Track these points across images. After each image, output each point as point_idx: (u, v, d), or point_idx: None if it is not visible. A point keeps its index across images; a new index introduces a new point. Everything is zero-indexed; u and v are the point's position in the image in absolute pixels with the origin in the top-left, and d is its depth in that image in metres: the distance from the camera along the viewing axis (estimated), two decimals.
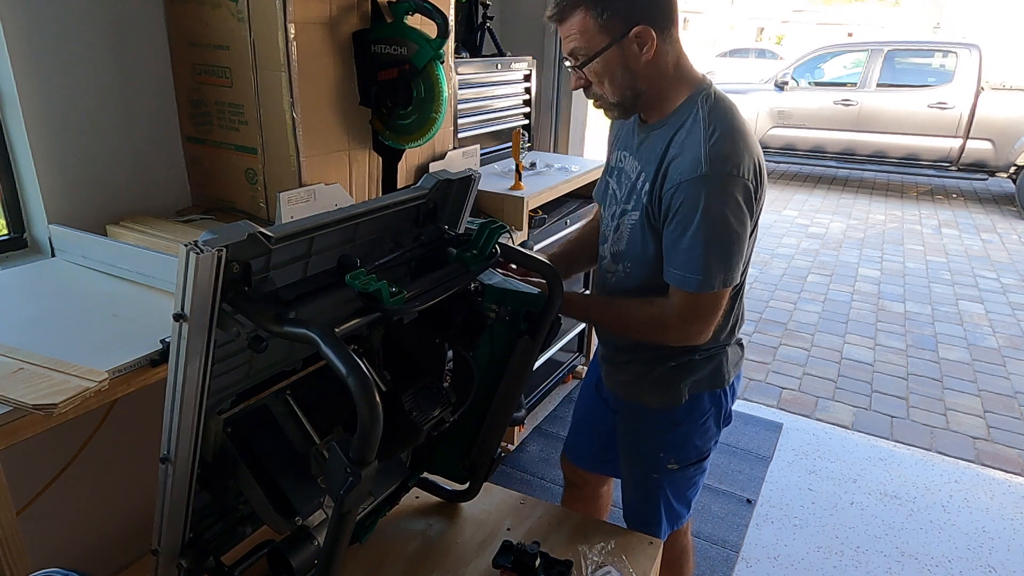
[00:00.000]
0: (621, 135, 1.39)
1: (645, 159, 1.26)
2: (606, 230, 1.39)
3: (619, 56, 1.18)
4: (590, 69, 1.20)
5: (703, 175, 1.14)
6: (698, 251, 1.16)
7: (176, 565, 0.97)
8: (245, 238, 0.76)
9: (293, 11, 1.51)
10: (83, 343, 1.13)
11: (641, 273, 1.30)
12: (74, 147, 1.56)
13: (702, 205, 1.14)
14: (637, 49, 1.17)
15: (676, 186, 1.16)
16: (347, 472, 0.76)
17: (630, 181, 1.29)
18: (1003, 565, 2.25)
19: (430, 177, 1.06)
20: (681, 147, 1.18)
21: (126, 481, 1.69)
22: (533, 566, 1.19)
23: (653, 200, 1.22)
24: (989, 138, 6.96)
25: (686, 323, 1.23)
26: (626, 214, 1.29)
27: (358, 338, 0.99)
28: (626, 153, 1.33)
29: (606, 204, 1.39)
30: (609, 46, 1.17)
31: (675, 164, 1.17)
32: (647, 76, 1.20)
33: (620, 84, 1.21)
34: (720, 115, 1.19)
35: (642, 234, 1.26)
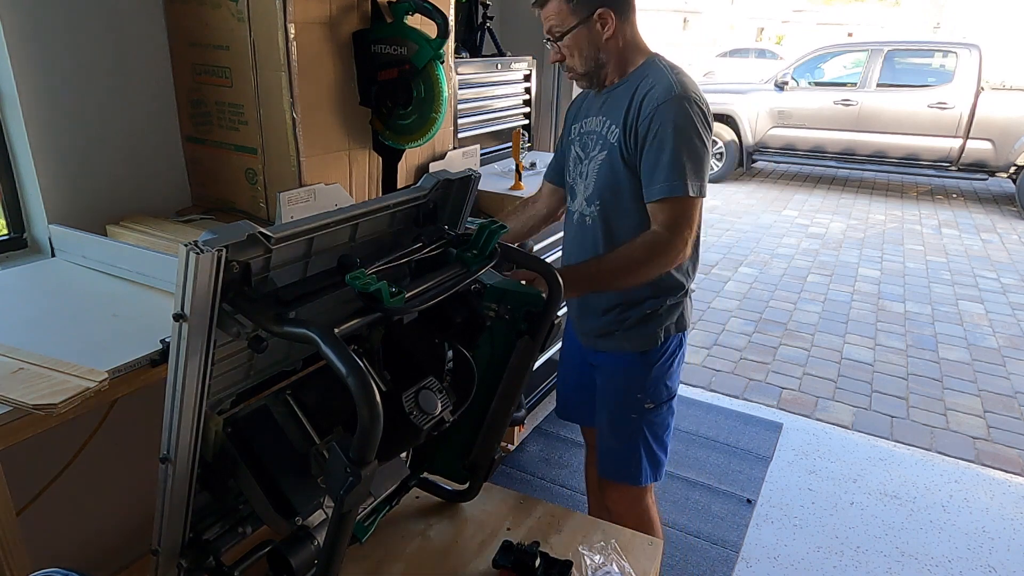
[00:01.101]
0: (582, 109, 1.62)
1: (611, 111, 1.49)
2: (575, 186, 1.60)
3: (586, 34, 1.45)
4: (564, 44, 1.47)
5: (676, 96, 1.39)
6: (679, 161, 1.38)
7: (176, 565, 0.97)
8: (245, 238, 0.76)
9: (293, 11, 1.51)
10: (83, 343, 1.13)
11: (612, 204, 1.51)
12: (74, 147, 1.56)
13: (677, 123, 1.38)
14: (599, 28, 1.44)
15: (653, 110, 1.39)
16: (347, 472, 0.76)
17: (597, 133, 1.52)
18: (1003, 565, 2.25)
19: (430, 177, 1.06)
20: (650, 85, 1.42)
21: (126, 481, 1.69)
22: (533, 566, 1.19)
23: (627, 136, 1.44)
24: (989, 138, 6.97)
25: (676, 232, 1.41)
26: (593, 159, 1.52)
27: (358, 338, 0.99)
28: (590, 117, 1.57)
29: (571, 168, 1.62)
30: (577, 25, 1.44)
31: (648, 97, 1.41)
32: (608, 50, 1.47)
33: (587, 57, 1.48)
34: (676, 65, 1.48)
35: (610, 169, 1.48)
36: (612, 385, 1.65)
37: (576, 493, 2.52)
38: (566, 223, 1.69)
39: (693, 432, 2.92)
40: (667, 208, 1.41)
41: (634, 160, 1.44)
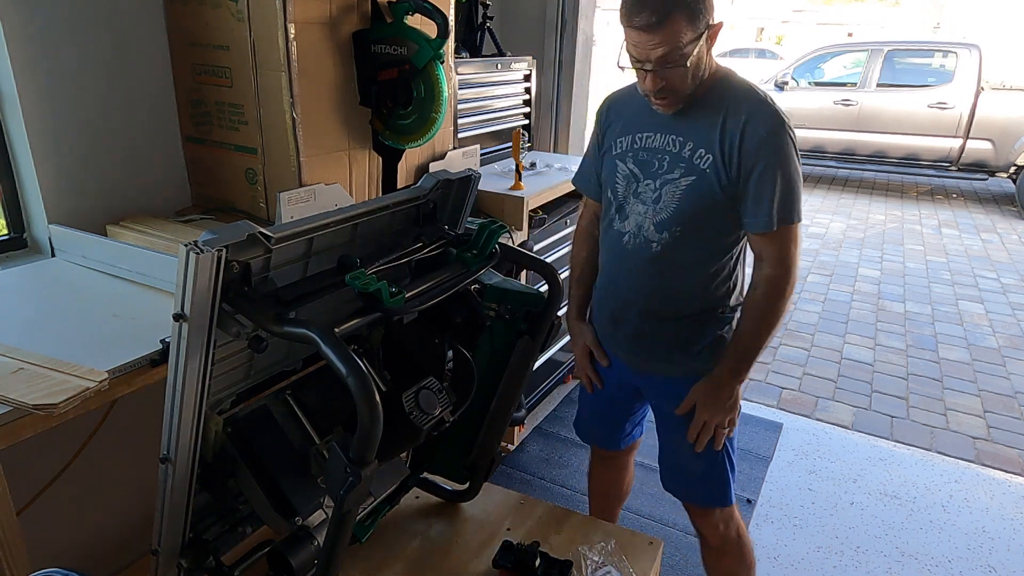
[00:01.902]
0: (623, 118, 1.49)
1: (689, 132, 1.38)
2: (626, 205, 1.47)
3: (699, 51, 1.29)
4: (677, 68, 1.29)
5: (783, 125, 1.32)
6: (789, 191, 1.34)
7: (176, 565, 0.97)
8: (245, 238, 0.76)
9: (293, 11, 1.51)
10: (83, 343, 1.13)
11: (692, 232, 1.41)
12: (74, 147, 1.56)
13: (786, 152, 1.33)
14: (709, 42, 1.31)
15: (761, 141, 1.31)
16: (347, 472, 0.76)
17: (670, 153, 1.40)
18: (1003, 565, 2.25)
19: (430, 177, 1.06)
20: (746, 111, 1.33)
21: (126, 481, 1.69)
22: (533, 566, 1.19)
23: (726, 165, 1.34)
24: (989, 138, 6.96)
25: (790, 262, 1.38)
26: (670, 183, 1.40)
27: (358, 338, 0.99)
28: (647, 132, 1.44)
29: (620, 185, 1.48)
30: (698, 48, 1.27)
31: (751, 126, 1.32)
32: (707, 64, 1.34)
33: (695, 76, 1.32)
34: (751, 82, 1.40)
35: (697, 194, 1.37)
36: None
37: (576, 493, 2.52)
38: (608, 243, 1.55)
39: None
40: (777, 239, 1.36)
41: (732, 189, 1.36)
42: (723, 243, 1.43)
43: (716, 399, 1.45)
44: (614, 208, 1.50)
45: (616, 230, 1.50)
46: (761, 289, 1.40)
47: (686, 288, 1.46)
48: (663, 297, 1.47)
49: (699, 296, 1.46)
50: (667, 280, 1.46)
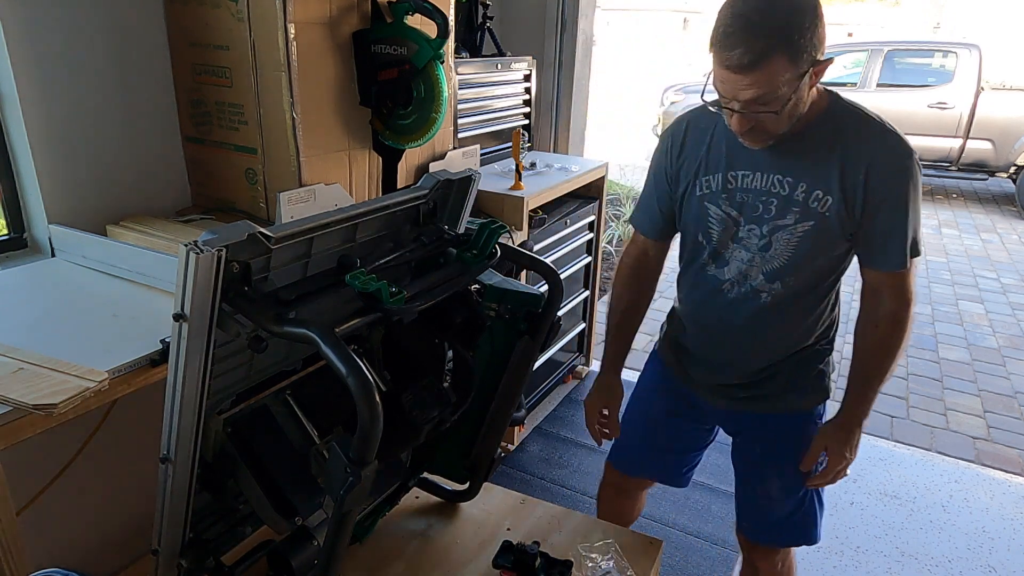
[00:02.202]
0: (706, 151, 1.32)
1: (799, 169, 1.23)
2: (725, 252, 1.34)
3: (799, 91, 1.13)
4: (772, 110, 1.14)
5: (910, 158, 1.20)
6: (915, 223, 1.24)
7: (176, 565, 0.97)
8: (245, 238, 0.76)
9: (293, 11, 1.51)
10: (83, 343, 1.13)
11: (806, 279, 1.31)
12: (74, 147, 1.56)
13: (914, 184, 1.21)
14: (811, 80, 1.14)
15: (890, 176, 1.20)
16: (347, 472, 0.76)
17: (778, 196, 1.26)
18: (1003, 565, 2.25)
19: (430, 177, 1.06)
20: (872, 146, 1.20)
21: (126, 481, 1.69)
22: (533, 566, 1.19)
23: (849, 206, 1.22)
24: (989, 138, 6.97)
25: (909, 296, 1.31)
26: (783, 229, 1.27)
27: (358, 338, 0.99)
28: (743, 171, 1.28)
29: (714, 230, 1.34)
30: (798, 88, 1.12)
31: (879, 161, 1.20)
32: (809, 101, 1.19)
33: (792, 116, 1.17)
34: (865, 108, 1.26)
35: (817, 241, 1.26)
36: (781, 449, 1.45)
37: (576, 493, 2.52)
38: (700, 289, 1.41)
39: None
40: (901, 275, 1.28)
41: (854, 229, 1.25)
42: (833, 281, 1.36)
43: (847, 445, 1.38)
44: (707, 253, 1.37)
45: (712, 275, 1.37)
46: (885, 327, 1.31)
47: (794, 333, 1.38)
48: (770, 345, 1.39)
49: (806, 337, 1.39)
50: (775, 329, 1.36)
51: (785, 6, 1.08)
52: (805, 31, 1.08)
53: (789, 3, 1.09)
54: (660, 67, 16.87)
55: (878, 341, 1.34)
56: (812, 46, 1.09)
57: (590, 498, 2.50)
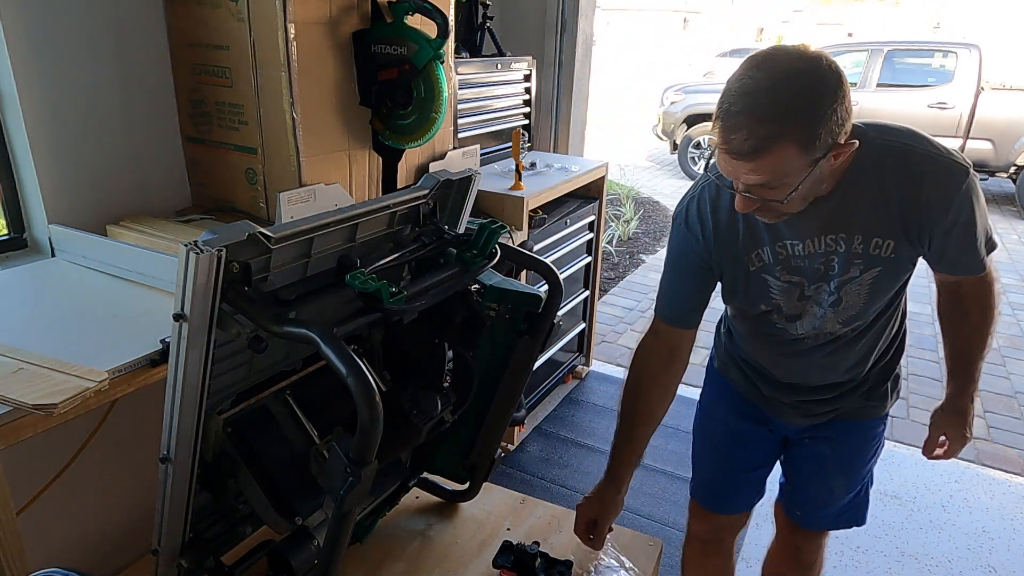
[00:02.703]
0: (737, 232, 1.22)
1: (850, 223, 1.14)
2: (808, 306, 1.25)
3: (817, 174, 1.02)
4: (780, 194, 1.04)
5: (966, 175, 1.10)
6: (985, 229, 1.18)
7: (176, 565, 0.97)
8: (245, 238, 0.76)
9: (293, 11, 1.51)
10: (83, 343, 1.13)
11: (882, 309, 1.29)
12: (74, 147, 1.56)
13: (977, 200, 1.13)
14: (833, 161, 1.03)
15: (950, 203, 1.10)
16: (347, 472, 0.76)
17: (838, 254, 1.17)
18: (1003, 565, 2.25)
19: (430, 177, 1.06)
20: (923, 177, 1.10)
21: (126, 481, 1.69)
22: (533, 566, 1.19)
23: (913, 242, 1.15)
24: (989, 138, 6.96)
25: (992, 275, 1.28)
26: (851, 282, 1.20)
27: (358, 338, 0.99)
28: (791, 240, 1.19)
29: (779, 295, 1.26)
30: (811, 173, 1.01)
31: (936, 192, 1.10)
32: (831, 177, 1.10)
33: (807, 197, 1.08)
34: (901, 127, 1.17)
35: (888, 281, 1.20)
36: (850, 451, 1.46)
37: (576, 493, 2.52)
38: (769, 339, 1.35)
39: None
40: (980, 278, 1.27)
41: (923, 254, 1.20)
42: (903, 293, 1.32)
43: (965, 426, 1.37)
44: (777, 316, 1.30)
45: (782, 328, 1.31)
46: (976, 315, 1.30)
47: (875, 350, 1.34)
48: (853, 368, 1.35)
49: (886, 349, 1.37)
50: (856, 353, 1.33)
51: (799, 86, 0.95)
52: (822, 117, 0.95)
53: (806, 82, 0.95)
54: (660, 67, 16.88)
55: (973, 328, 1.31)
56: (830, 132, 0.97)
57: None
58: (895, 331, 1.38)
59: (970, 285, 1.28)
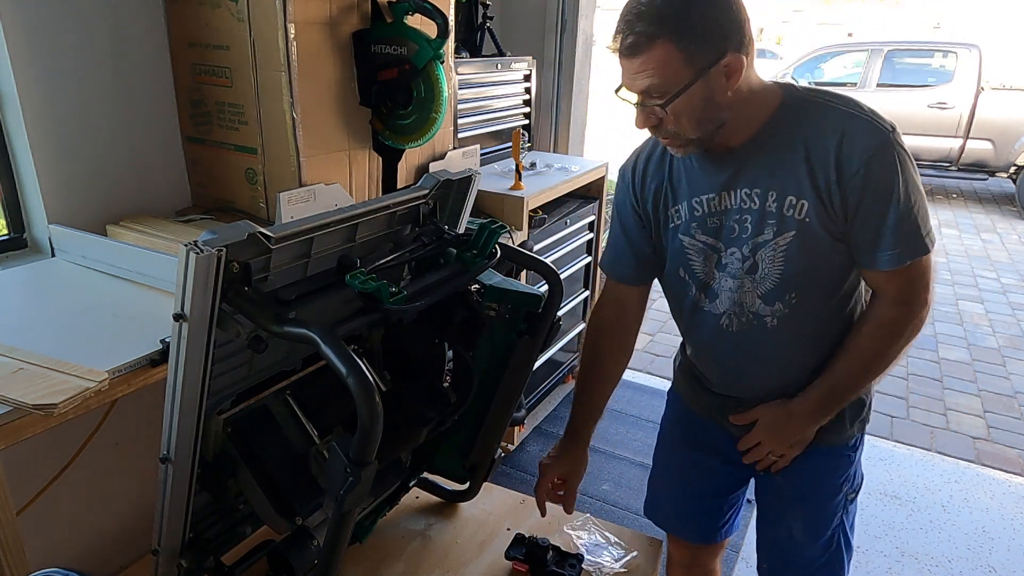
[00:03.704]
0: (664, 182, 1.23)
1: (766, 178, 1.11)
2: (711, 282, 1.22)
3: (703, 90, 1.03)
4: (669, 108, 1.05)
5: (888, 137, 1.05)
6: (911, 216, 1.07)
7: (176, 565, 0.97)
8: (245, 238, 0.76)
9: (293, 11, 1.51)
10: (83, 343, 1.13)
11: (811, 294, 1.17)
12: (74, 147, 1.56)
13: (900, 168, 1.05)
14: (724, 80, 1.04)
15: (864, 163, 1.04)
16: (347, 472, 0.76)
17: (751, 212, 1.14)
18: (1003, 565, 2.25)
19: (430, 177, 1.06)
20: (836, 133, 1.06)
21: (126, 481, 1.69)
22: (544, 559, 1.20)
23: (828, 206, 1.08)
24: (989, 138, 6.97)
25: (916, 301, 1.13)
26: (764, 246, 1.14)
27: (358, 338, 0.99)
28: (708, 195, 1.17)
29: (696, 259, 1.22)
30: (694, 82, 1.02)
31: (846, 148, 1.05)
32: (732, 105, 1.07)
33: (702, 119, 1.07)
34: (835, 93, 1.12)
35: (805, 251, 1.12)
36: (813, 483, 1.32)
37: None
38: (701, 330, 1.28)
39: None
40: (901, 275, 1.11)
41: (839, 227, 1.10)
42: (850, 292, 1.19)
43: (781, 430, 1.25)
44: (695, 288, 1.25)
45: (707, 312, 1.24)
46: (870, 328, 1.16)
47: (817, 353, 1.23)
48: (793, 371, 1.24)
49: (829, 356, 1.23)
50: (795, 352, 1.22)
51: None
52: (696, 18, 1.00)
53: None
54: None
55: (857, 344, 1.18)
56: (710, 38, 1.01)
57: (590, 498, 2.50)
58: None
59: (888, 300, 1.14)
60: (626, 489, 2.56)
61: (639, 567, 1.26)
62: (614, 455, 2.76)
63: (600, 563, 1.25)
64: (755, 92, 1.11)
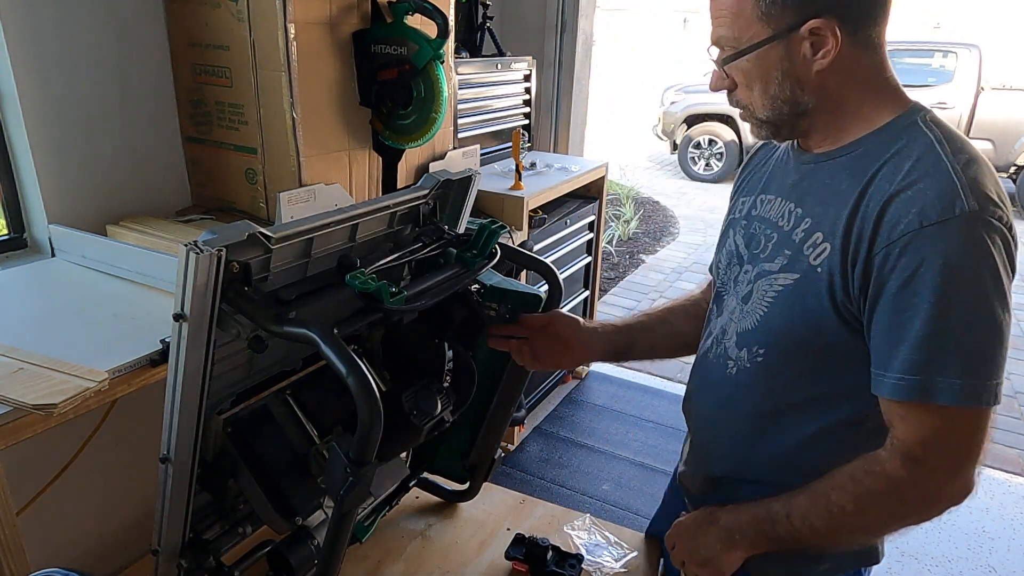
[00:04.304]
0: (756, 175, 1.05)
1: (813, 199, 0.90)
2: (724, 294, 1.03)
3: (780, 56, 0.85)
4: (737, 67, 0.89)
5: (963, 216, 0.75)
6: (961, 340, 0.77)
7: (176, 565, 0.97)
8: (245, 238, 0.76)
9: (293, 11, 1.51)
10: (83, 343, 1.13)
11: (781, 367, 0.92)
12: (74, 147, 1.56)
13: (955, 269, 0.75)
14: (809, 50, 0.84)
15: (911, 235, 0.77)
16: (347, 472, 0.76)
17: (778, 231, 0.93)
18: (1003, 565, 2.25)
19: (430, 177, 1.06)
20: (905, 178, 0.80)
21: (126, 481, 1.69)
22: (544, 559, 1.20)
23: (847, 264, 0.83)
24: (989, 138, 6.97)
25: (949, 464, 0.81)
26: (765, 276, 0.93)
27: (358, 338, 0.99)
28: (768, 195, 0.98)
29: (723, 264, 1.05)
30: (768, 41, 0.85)
31: (899, 202, 0.79)
32: (819, 88, 0.87)
33: (775, 95, 0.88)
34: (959, 138, 0.84)
35: (795, 308, 0.89)
36: None
37: (576, 493, 2.52)
38: (700, 351, 1.09)
39: None
40: (918, 417, 0.80)
41: (854, 308, 0.84)
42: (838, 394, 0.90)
43: (692, 536, 0.98)
44: (713, 297, 1.07)
45: (708, 330, 1.07)
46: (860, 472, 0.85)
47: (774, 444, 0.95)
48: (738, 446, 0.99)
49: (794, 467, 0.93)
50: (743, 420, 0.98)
51: None
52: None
53: None
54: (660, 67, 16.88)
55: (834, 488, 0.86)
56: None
57: (590, 498, 2.50)
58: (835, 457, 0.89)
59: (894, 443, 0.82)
60: (626, 489, 2.56)
61: (639, 567, 1.26)
62: (614, 455, 2.76)
63: (600, 563, 1.25)
64: (871, 91, 0.89)
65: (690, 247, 5.89)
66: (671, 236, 6.18)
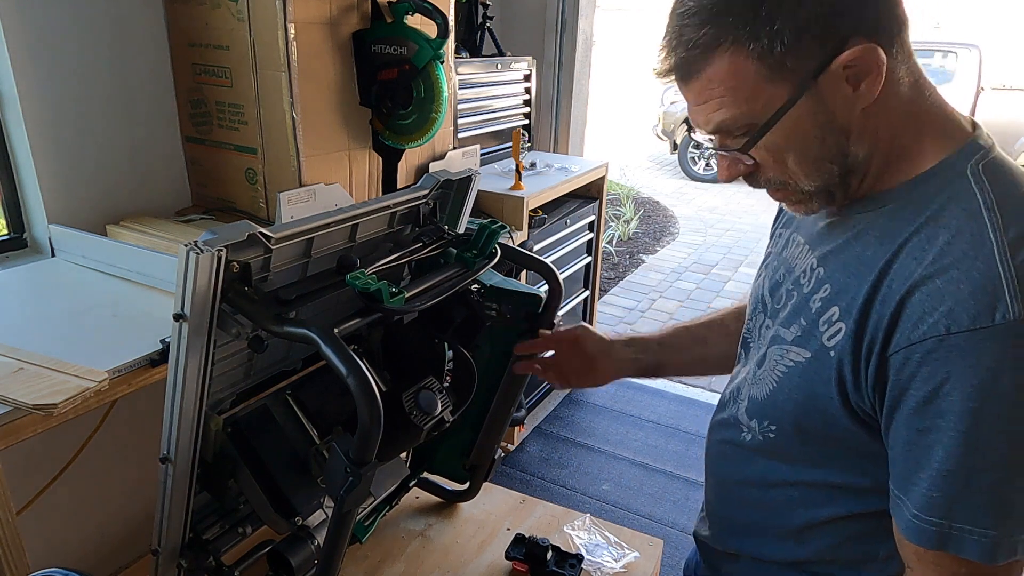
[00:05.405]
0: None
1: (836, 263, 0.74)
2: (748, 345, 0.91)
3: (812, 111, 0.66)
4: (759, 146, 0.69)
5: (1001, 329, 0.59)
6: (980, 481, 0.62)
7: (176, 565, 0.97)
8: (245, 238, 0.76)
9: (293, 11, 1.51)
10: (83, 343, 1.13)
11: (790, 449, 0.80)
12: (74, 147, 1.56)
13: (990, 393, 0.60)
14: (849, 88, 0.65)
15: (927, 340, 0.62)
16: (347, 472, 0.76)
17: (798, 290, 0.79)
18: None
19: (430, 177, 1.06)
20: (938, 260, 0.63)
21: (126, 481, 1.69)
22: (544, 559, 1.20)
23: (859, 354, 0.69)
24: None
25: None
26: (779, 344, 0.79)
27: (358, 338, 0.99)
28: (798, 237, 0.84)
29: (751, 306, 0.92)
30: (793, 101, 0.65)
31: (924, 293, 0.63)
32: (865, 129, 0.68)
33: (818, 156, 0.68)
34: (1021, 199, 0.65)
35: (803, 391, 0.75)
36: None
37: (576, 493, 2.52)
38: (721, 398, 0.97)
39: (694, 432, 2.92)
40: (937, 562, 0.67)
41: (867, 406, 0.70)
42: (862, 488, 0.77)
43: None
44: (741, 340, 0.94)
45: (731, 376, 0.95)
46: None
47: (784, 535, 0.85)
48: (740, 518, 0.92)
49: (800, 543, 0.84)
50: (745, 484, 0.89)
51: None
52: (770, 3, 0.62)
53: None
54: None
55: None
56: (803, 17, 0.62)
57: (590, 498, 2.50)
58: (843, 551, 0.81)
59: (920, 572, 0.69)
60: (626, 489, 2.56)
61: (639, 567, 1.26)
62: (614, 455, 2.76)
63: (600, 563, 1.25)
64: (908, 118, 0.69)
65: (690, 247, 5.89)
66: (671, 236, 6.18)
